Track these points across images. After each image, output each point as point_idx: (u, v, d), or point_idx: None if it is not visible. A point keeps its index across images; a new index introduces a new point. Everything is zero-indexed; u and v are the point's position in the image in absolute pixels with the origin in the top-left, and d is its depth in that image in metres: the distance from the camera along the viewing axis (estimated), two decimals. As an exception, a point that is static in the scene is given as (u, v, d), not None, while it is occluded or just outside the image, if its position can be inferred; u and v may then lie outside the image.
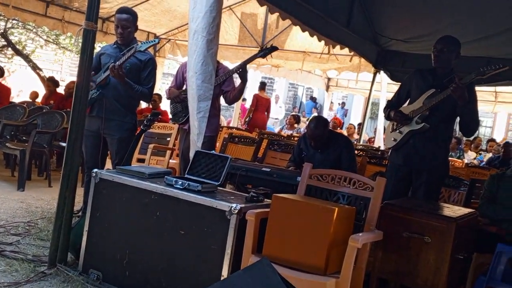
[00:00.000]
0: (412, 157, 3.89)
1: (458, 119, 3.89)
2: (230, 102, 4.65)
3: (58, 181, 3.52)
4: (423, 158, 3.85)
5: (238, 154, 5.74)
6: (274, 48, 4.51)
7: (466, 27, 5.93)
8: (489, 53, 6.32)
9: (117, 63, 3.95)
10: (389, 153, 4.24)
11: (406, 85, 4.13)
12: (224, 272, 2.79)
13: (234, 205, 2.82)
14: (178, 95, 4.58)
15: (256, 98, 10.64)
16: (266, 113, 10.68)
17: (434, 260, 2.96)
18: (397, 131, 4.00)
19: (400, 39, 7.22)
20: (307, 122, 7.71)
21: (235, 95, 4.54)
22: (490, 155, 9.51)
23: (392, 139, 4.03)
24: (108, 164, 4.44)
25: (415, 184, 3.91)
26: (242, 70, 4.35)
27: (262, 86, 10.91)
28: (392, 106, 4.12)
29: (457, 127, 4.01)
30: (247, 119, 10.51)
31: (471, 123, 3.81)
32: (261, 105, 10.60)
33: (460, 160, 8.54)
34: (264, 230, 2.84)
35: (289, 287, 1.97)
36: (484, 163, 8.75)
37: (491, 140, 11.73)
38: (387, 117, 4.18)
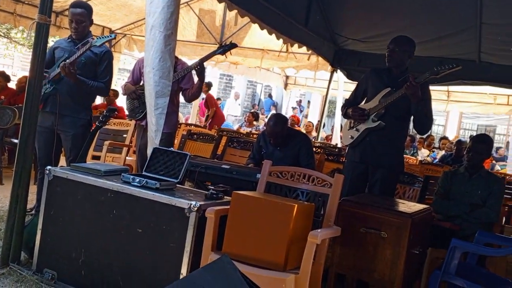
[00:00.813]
0: (369, 154, 3.96)
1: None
2: (189, 99, 4.64)
3: (10, 178, 3.42)
4: (379, 155, 3.92)
5: (197, 151, 5.70)
6: (233, 45, 4.50)
7: (422, 28, 6.08)
8: (443, 53, 6.51)
9: (68, 61, 3.86)
10: (346, 151, 4.30)
11: (362, 84, 4.20)
12: (183, 271, 2.76)
13: (193, 202, 2.79)
14: (134, 91, 4.52)
15: (212, 98, 10.84)
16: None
17: (390, 255, 3.02)
18: (354, 128, 4.05)
19: (357, 39, 7.33)
20: (266, 120, 7.73)
21: (193, 93, 4.52)
22: (443, 152, 9.78)
23: (349, 136, 4.08)
24: (62, 161, 4.33)
25: (371, 180, 3.98)
26: (199, 68, 4.32)
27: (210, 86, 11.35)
28: (350, 105, 4.17)
29: (411, 125, 4.10)
30: (209, 121, 10.60)
31: (425, 121, 3.90)
32: (216, 103, 11.03)
33: (414, 158, 8.74)
34: (223, 228, 2.82)
35: (249, 284, 1.96)
36: (437, 160, 8.99)
37: (444, 138, 12.08)
38: (345, 115, 4.24)
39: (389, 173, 3.95)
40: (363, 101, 4.15)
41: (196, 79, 4.53)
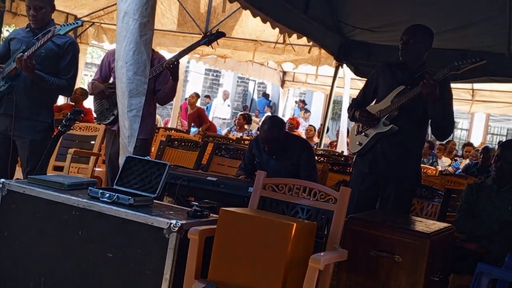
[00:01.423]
0: (380, 163, 3.97)
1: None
2: (161, 101, 4.59)
3: (-45, 193, 3.38)
4: (392, 165, 3.93)
5: (178, 160, 5.70)
6: (220, 34, 4.50)
7: (443, 15, 6.12)
8: (467, 45, 6.55)
9: (26, 53, 3.85)
10: (353, 159, 4.32)
11: (372, 81, 4.21)
12: (162, 302, 2.76)
13: (173, 221, 2.79)
14: (103, 90, 4.49)
15: (203, 112, 11.76)
16: None
17: (406, 282, 3.02)
18: (363, 133, 4.07)
19: (366, 28, 7.37)
20: (260, 123, 7.74)
21: (166, 94, 4.47)
22: (467, 161, 9.82)
23: (357, 143, 4.10)
24: (18, 173, 4.31)
25: (383, 194, 3.99)
26: (173, 66, 4.25)
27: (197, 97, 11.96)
28: (357, 105, 4.19)
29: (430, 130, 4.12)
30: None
31: (444, 124, 3.92)
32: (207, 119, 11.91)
33: (433, 167, 8.78)
34: (209, 251, 2.82)
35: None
36: (460, 170, 9.03)
37: (468, 144, 12.11)
38: (352, 118, 4.25)
39: (404, 185, 3.96)
40: (374, 101, 4.17)
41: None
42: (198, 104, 12.61)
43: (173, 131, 8.64)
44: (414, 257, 3.01)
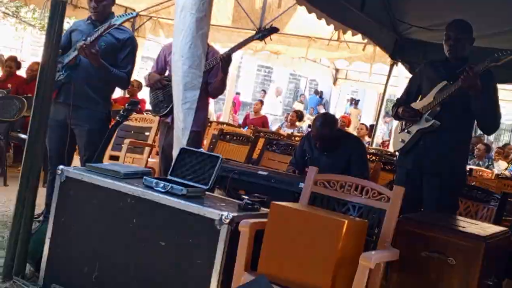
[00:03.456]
0: (423, 160, 3.92)
1: None
2: (211, 94, 4.64)
3: (16, 179, 3.50)
4: (435, 161, 3.88)
5: (229, 154, 5.73)
6: (274, 29, 4.50)
7: (500, 15, 5.94)
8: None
9: (88, 39, 3.93)
10: (397, 157, 4.27)
11: (416, 80, 4.19)
12: (212, 292, 2.78)
13: (225, 213, 2.81)
14: (160, 80, 4.56)
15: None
16: None
17: (458, 285, 2.95)
18: (406, 131, 4.04)
19: (422, 26, 7.24)
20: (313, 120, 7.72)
21: (216, 87, 4.51)
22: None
23: (400, 140, 4.07)
24: (76, 161, 4.42)
25: (427, 192, 3.93)
26: (227, 58, 4.30)
27: None
28: (401, 104, 4.15)
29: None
30: None
31: (489, 117, 3.85)
32: None
33: (489, 170, 8.58)
34: (259, 244, 2.83)
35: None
36: (517, 174, 8.80)
37: (526, 149, 11.78)
38: (396, 116, 4.21)
39: (449, 182, 3.89)
40: (418, 99, 4.12)
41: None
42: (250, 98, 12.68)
43: (225, 125, 8.70)
44: (468, 260, 2.94)
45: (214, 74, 4.48)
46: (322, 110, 16.63)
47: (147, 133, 6.18)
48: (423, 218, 3.31)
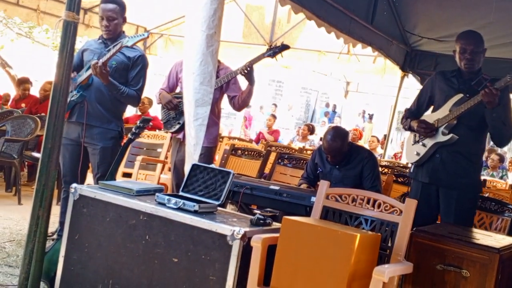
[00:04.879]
0: (440, 173, 3.89)
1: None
2: (239, 107, 4.68)
3: (29, 197, 3.54)
4: (452, 174, 3.85)
5: (241, 169, 5.74)
6: (285, 47, 4.53)
7: (506, 24, 5.94)
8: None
9: (101, 60, 3.98)
10: (410, 170, 4.25)
11: (427, 91, 4.15)
12: (225, 308, 2.78)
13: (237, 228, 2.81)
14: (171, 100, 4.60)
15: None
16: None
17: (473, 298, 2.94)
18: (420, 143, 4.01)
19: (432, 38, 7.24)
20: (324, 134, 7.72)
21: (244, 99, 4.56)
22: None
23: (415, 153, 4.04)
24: (89, 179, 4.44)
25: (444, 205, 3.90)
26: (248, 71, 4.36)
27: None
28: (412, 115, 4.13)
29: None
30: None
31: (504, 130, 3.83)
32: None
33: (503, 181, 8.51)
34: (272, 259, 2.83)
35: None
36: (531, 185, 8.69)
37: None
38: (407, 128, 4.19)
39: (466, 195, 3.87)
40: (429, 110, 4.10)
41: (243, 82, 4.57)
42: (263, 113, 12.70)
43: (236, 140, 8.72)
44: (483, 272, 2.92)
45: (234, 88, 4.53)
46: (333, 123, 16.63)
47: (159, 150, 6.21)
48: (436, 230, 3.29)
